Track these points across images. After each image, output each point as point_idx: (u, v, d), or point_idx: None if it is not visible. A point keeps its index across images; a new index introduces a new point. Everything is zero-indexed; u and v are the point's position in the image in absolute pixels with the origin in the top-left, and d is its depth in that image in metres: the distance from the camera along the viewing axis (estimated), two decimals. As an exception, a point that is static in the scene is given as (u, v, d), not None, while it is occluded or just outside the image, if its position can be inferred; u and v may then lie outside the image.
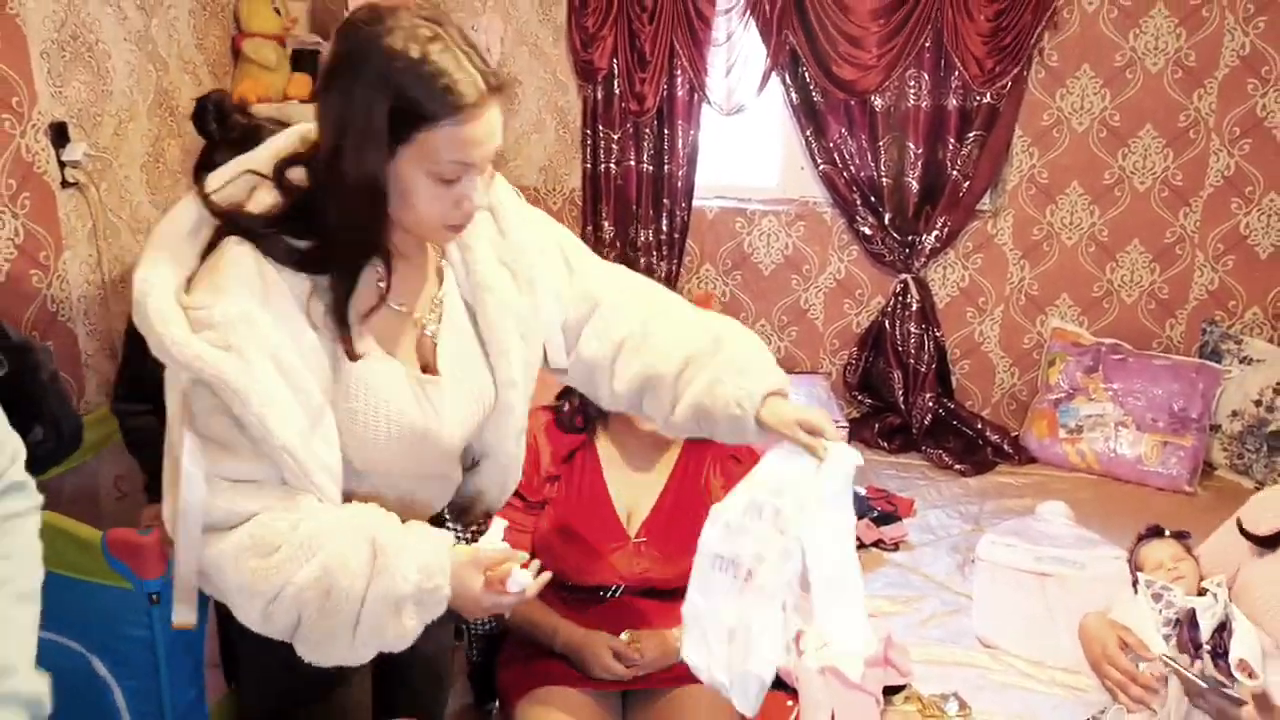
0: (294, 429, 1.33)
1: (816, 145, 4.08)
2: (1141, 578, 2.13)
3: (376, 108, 1.30)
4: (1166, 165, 3.96)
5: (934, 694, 2.50)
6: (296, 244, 1.37)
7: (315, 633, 1.36)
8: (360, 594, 1.34)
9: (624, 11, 3.97)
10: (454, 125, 1.32)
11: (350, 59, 1.33)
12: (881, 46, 3.88)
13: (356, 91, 1.31)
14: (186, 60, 3.37)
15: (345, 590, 1.33)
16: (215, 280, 1.33)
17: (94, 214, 2.93)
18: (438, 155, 1.33)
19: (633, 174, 4.18)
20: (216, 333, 1.30)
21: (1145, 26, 3.83)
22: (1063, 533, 3.33)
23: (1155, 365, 3.96)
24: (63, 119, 2.80)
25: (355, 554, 1.35)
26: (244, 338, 1.30)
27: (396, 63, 1.29)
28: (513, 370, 1.58)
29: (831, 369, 4.40)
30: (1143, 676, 1.99)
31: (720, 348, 1.65)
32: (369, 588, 1.34)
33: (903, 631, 2.79)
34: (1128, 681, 2.00)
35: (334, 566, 1.33)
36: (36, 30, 2.70)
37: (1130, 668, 2.01)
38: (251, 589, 1.33)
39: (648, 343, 1.67)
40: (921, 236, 4.09)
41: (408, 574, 1.35)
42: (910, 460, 4.10)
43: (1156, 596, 2.07)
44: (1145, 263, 4.09)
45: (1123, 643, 2.05)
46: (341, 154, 1.33)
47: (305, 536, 1.34)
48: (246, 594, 1.34)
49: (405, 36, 1.31)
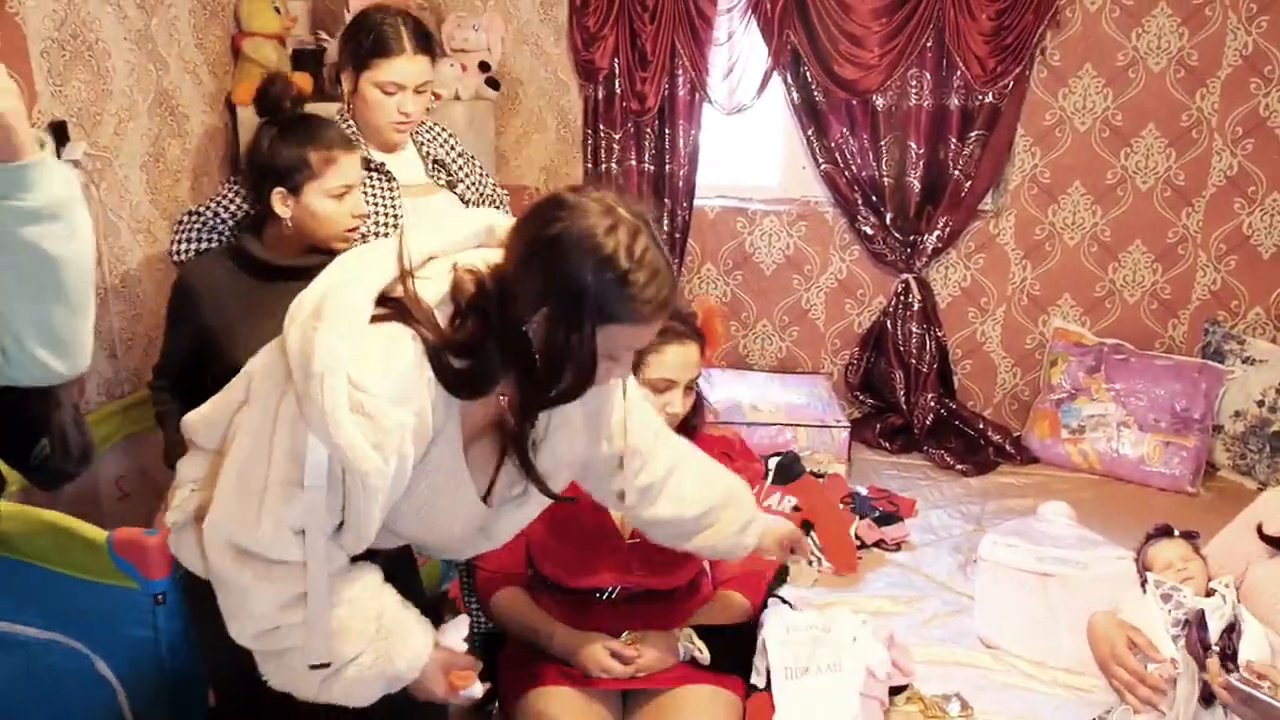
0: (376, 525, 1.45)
1: (818, 145, 4.07)
2: (1151, 578, 2.13)
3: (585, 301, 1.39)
4: (1169, 165, 3.95)
5: (936, 694, 2.49)
6: (455, 366, 1.43)
7: (294, 668, 1.48)
8: (351, 658, 1.49)
9: (625, 11, 3.97)
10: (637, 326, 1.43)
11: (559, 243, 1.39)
12: (883, 46, 3.87)
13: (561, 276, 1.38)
14: (187, 60, 3.37)
15: (343, 652, 1.48)
16: (390, 372, 1.38)
17: (94, 214, 2.91)
18: (616, 346, 1.45)
19: (634, 174, 4.17)
20: (373, 428, 1.35)
21: (1147, 26, 3.83)
22: (1065, 533, 3.32)
23: (1157, 365, 3.95)
24: (63, 118, 2.80)
25: (365, 624, 1.50)
26: (393, 445, 1.37)
27: (607, 275, 1.37)
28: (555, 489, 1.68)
29: (833, 369, 4.39)
30: (1151, 677, 1.98)
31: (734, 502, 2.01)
32: (362, 658, 1.49)
33: (905, 632, 2.77)
34: (1135, 682, 2.00)
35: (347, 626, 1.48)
36: (36, 29, 2.70)
37: (1139, 668, 2.00)
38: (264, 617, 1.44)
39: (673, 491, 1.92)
40: (923, 236, 4.08)
41: (400, 662, 1.52)
42: (912, 460, 4.09)
43: (1166, 597, 2.06)
44: (1148, 263, 4.08)
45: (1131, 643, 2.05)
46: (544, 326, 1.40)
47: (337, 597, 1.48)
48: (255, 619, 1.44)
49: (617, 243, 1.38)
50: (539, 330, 1.40)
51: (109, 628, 2.12)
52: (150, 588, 2.05)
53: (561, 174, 4.32)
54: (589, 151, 4.20)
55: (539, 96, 4.25)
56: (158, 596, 2.06)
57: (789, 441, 3.77)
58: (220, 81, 3.56)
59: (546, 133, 4.29)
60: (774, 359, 4.41)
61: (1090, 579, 3.04)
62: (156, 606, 2.06)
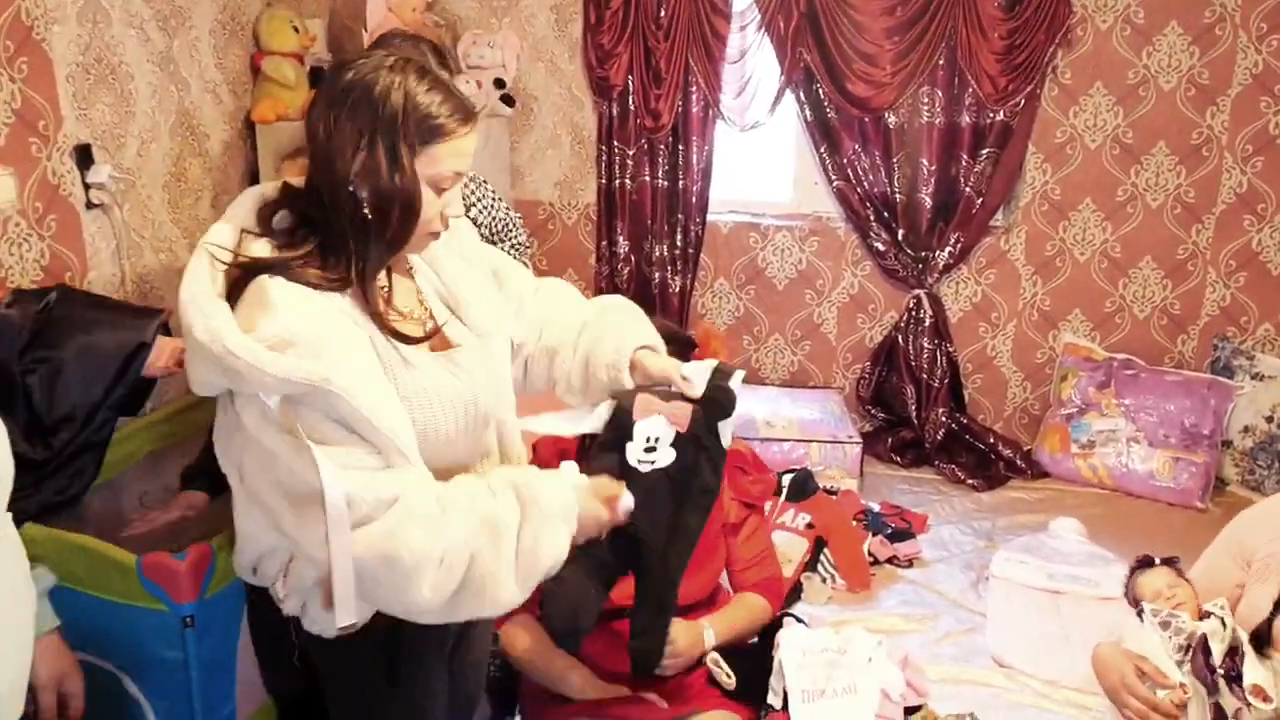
0: (393, 414, 1.47)
1: (830, 161, 4.10)
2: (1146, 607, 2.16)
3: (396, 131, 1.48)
4: (1179, 182, 3.98)
5: (950, 713, 2.52)
6: (318, 268, 1.50)
7: (483, 579, 1.47)
8: (518, 526, 1.50)
9: (639, 28, 4.00)
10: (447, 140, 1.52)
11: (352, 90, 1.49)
12: (895, 64, 3.90)
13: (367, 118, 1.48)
14: (207, 80, 3.41)
15: (508, 525, 1.49)
16: (272, 310, 1.42)
17: (117, 234, 2.97)
18: (438, 171, 1.53)
19: (647, 189, 4.20)
20: (300, 347, 1.39)
21: (1158, 44, 3.85)
22: (1076, 549, 3.34)
23: (1167, 381, 3.98)
24: (87, 141, 2.84)
25: (503, 495, 1.52)
26: (326, 345, 1.42)
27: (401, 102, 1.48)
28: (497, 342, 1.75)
29: (844, 383, 4.42)
30: (1164, 704, 2.01)
31: (603, 315, 1.88)
32: (524, 518, 1.51)
33: (918, 650, 2.80)
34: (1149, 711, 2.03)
35: (490, 508, 1.50)
36: (62, 54, 2.74)
37: (1150, 696, 2.03)
38: (424, 555, 1.42)
39: (551, 317, 1.89)
40: (934, 252, 4.11)
41: (552, 497, 1.54)
42: (923, 475, 4.12)
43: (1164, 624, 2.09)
44: (1157, 279, 4.11)
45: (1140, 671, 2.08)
46: (367, 174, 1.48)
47: (449, 499, 1.48)
48: (417, 566, 1.43)
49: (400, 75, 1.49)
50: (360, 186, 1.48)
51: (139, 649, 2.15)
52: (179, 611, 2.08)
53: (576, 189, 4.35)
54: (603, 167, 4.23)
55: (553, 113, 4.28)
56: (186, 619, 2.08)
57: (802, 457, 3.80)
58: (240, 100, 3.59)
59: (561, 149, 4.32)
60: (786, 373, 4.44)
61: (1101, 597, 3.07)
62: (185, 629, 2.09)
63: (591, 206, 4.35)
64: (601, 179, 4.26)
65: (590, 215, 4.37)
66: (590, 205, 4.36)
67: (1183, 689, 2.00)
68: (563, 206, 4.40)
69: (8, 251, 2.58)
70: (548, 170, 4.36)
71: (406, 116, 1.47)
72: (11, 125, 2.57)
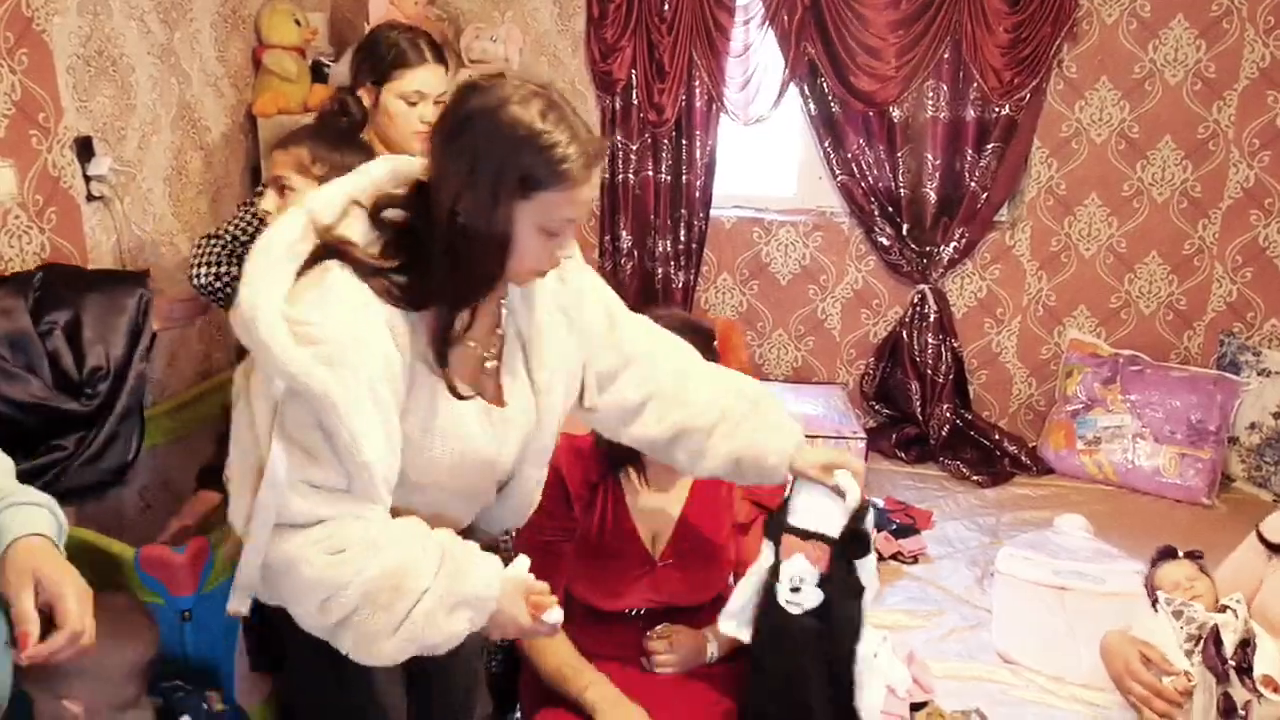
0: (377, 448, 1.43)
1: (834, 156, 4.08)
2: (1161, 596, 2.15)
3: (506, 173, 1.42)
4: (1185, 177, 3.96)
5: (956, 710, 2.51)
6: (397, 280, 1.46)
7: (368, 627, 1.43)
8: (422, 591, 1.44)
9: (642, 22, 3.98)
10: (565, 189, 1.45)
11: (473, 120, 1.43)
12: (900, 58, 3.88)
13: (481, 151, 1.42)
14: (209, 73, 3.39)
15: (412, 587, 1.43)
16: (323, 299, 1.41)
17: (118, 227, 2.95)
18: (550, 216, 1.47)
19: (650, 184, 4.19)
20: (321, 349, 1.38)
21: (1165, 38, 3.83)
22: (1081, 546, 3.33)
23: (1173, 377, 3.96)
24: (88, 133, 2.82)
25: (426, 554, 1.47)
26: (346, 357, 1.39)
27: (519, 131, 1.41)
28: (555, 404, 1.69)
29: (849, 379, 4.40)
30: (1167, 690, 2.00)
31: (756, 409, 1.90)
32: (433, 586, 1.45)
33: (923, 646, 2.79)
34: (1151, 695, 2.02)
35: (406, 562, 1.44)
36: (62, 46, 2.72)
37: (1154, 681, 2.02)
38: (319, 581, 1.41)
39: (683, 397, 1.87)
40: (939, 247, 4.09)
41: (474, 580, 1.48)
42: (928, 471, 4.10)
43: (1177, 614, 2.08)
44: (1163, 274, 4.09)
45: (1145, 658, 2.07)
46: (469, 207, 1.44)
47: (375, 537, 1.44)
48: (312, 586, 1.41)
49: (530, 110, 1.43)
50: (466, 216, 1.44)
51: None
52: (176, 604, 2.07)
53: (578, 184, 4.33)
54: (606, 162, 4.21)
55: (556, 107, 4.26)
56: (184, 613, 2.07)
57: (806, 453, 3.78)
58: (241, 94, 3.58)
59: (564, 143, 4.30)
60: (789, 368, 4.42)
61: (1107, 593, 3.05)
62: (183, 622, 2.08)
63: (594, 201, 4.32)
64: (604, 173, 4.24)
65: (593, 210, 4.35)
66: (593, 200, 4.32)
67: (1187, 676, 1.99)
68: (565, 201, 4.37)
69: (8, 244, 2.56)
70: (550, 165, 4.33)
71: (523, 158, 1.42)
72: (12, 117, 2.55)
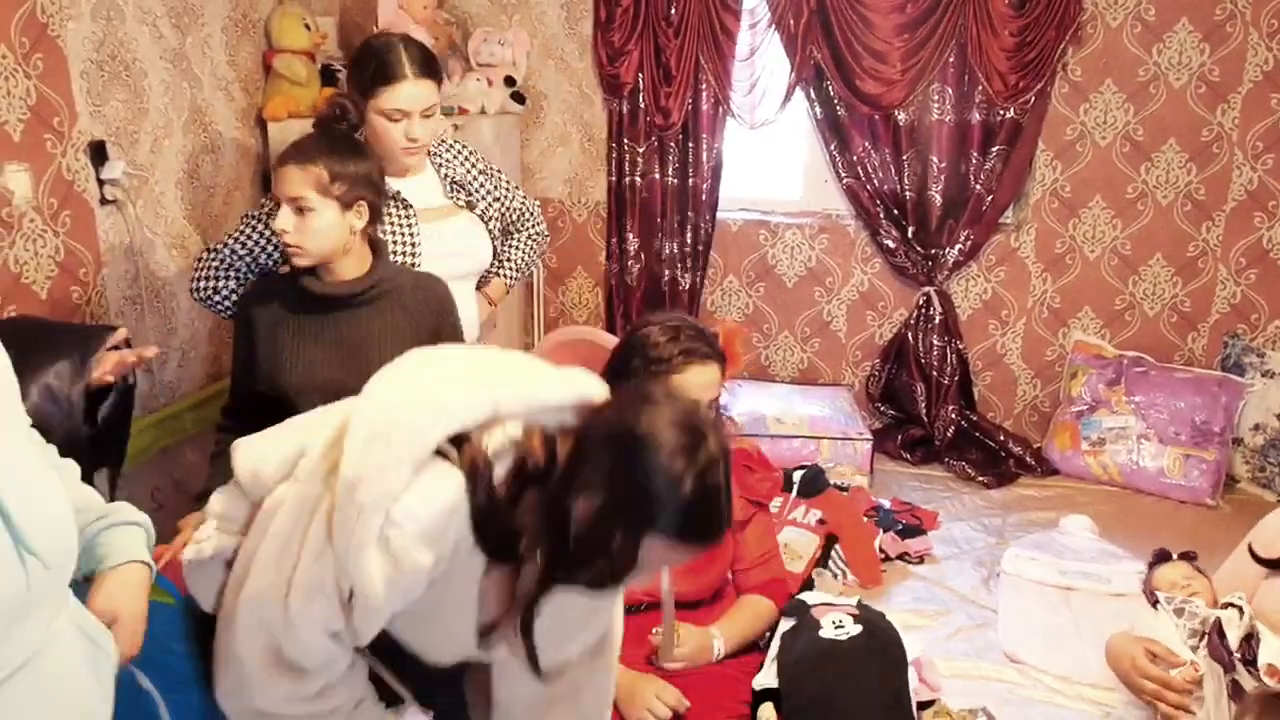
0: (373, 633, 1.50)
1: (840, 159, 4.10)
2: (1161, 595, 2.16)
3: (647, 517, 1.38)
4: (1189, 179, 3.97)
5: (963, 709, 2.52)
6: (502, 532, 1.44)
7: None
8: None
9: (649, 26, 4.01)
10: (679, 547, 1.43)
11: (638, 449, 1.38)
12: (905, 61, 3.90)
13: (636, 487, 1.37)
14: (219, 77, 3.42)
15: None
16: (428, 512, 1.39)
17: (131, 231, 2.98)
18: (651, 558, 1.43)
19: (657, 187, 4.21)
20: (392, 565, 1.39)
21: (1169, 41, 3.85)
22: (1087, 546, 3.34)
23: (1177, 378, 3.97)
24: (101, 138, 2.85)
25: None
26: (404, 585, 1.41)
27: (672, 491, 1.37)
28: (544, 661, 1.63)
29: (854, 380, 4.42)
30: (1176, 681, 2.01)
31: None
32: None
33: (930, 646, 2.79)
34: (1162, 690, 2.03)
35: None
36: (76, 51, 2.75)
37: (1162, 675, 2.03)
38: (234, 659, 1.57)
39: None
40: (944, 250, 4.11)
41: None
42: (933, 472, 4.12)
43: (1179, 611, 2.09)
44: (1168, 276, 4.10)
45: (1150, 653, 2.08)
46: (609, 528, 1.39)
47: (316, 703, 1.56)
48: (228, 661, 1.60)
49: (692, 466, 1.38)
50: (582, 513, 1.38)
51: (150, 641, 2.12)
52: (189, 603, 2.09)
53: (586, 187, 4.36)
54: (613, 165, 4.24)
55: (564, 110, 4.29)
56: (199, 611, 2.09)
57: (813, 454, 3.80)
58: (252, 98, 3.60)
59: (571, 146, 4.33)
60: (795, 370, 4.44)
61: (1112, 593, 3.07)
62: (198, 621, 2.10)
63: (601, 204, 4.36)
64: (611, 176, 4.26)
65: (600, 213, 4.38)
66: (600, 203, 4.36)
67: (1194, 666, 2.00)
68: (573, 204, 4.41)
69: (23, 247, 2.59)
70: (558, 168, 4.37)
71: (662, 510, 1.37)
72: (27, 121, 2.58)
